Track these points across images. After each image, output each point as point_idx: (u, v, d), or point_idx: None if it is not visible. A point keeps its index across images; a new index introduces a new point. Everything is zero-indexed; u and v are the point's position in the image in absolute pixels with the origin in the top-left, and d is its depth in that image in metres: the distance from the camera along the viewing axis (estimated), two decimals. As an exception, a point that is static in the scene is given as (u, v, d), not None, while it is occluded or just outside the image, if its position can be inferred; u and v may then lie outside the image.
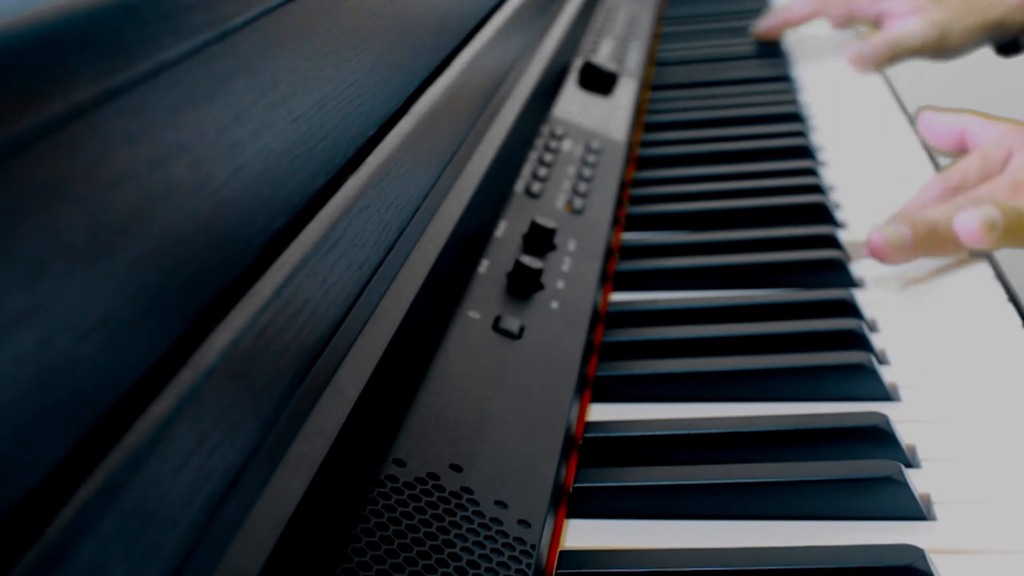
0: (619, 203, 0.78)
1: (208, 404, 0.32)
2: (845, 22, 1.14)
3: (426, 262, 0.51)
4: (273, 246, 0.39)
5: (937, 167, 0.83)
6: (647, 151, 0.90)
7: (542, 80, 0.81)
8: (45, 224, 0.27)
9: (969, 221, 0.62)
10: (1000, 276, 0.64)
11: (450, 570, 0.39)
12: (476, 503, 0.42)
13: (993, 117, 0.73)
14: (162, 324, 0.32)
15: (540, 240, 0.63)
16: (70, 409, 0.28)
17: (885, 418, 0.49)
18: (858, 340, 0.57)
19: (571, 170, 0.76)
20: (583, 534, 0.46)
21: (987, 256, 0.70)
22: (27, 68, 0.26)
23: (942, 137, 0.75)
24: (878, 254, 0.65)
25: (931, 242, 0.65)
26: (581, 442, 0.51)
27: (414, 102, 0.57)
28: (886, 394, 0.54)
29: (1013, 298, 0.62)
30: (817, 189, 0.78)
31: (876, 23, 1.10)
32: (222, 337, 0.34)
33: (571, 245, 0.65)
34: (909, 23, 1.05)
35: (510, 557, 0.40)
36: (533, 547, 0.41)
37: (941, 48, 1.04)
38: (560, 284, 0.61)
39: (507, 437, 0.47)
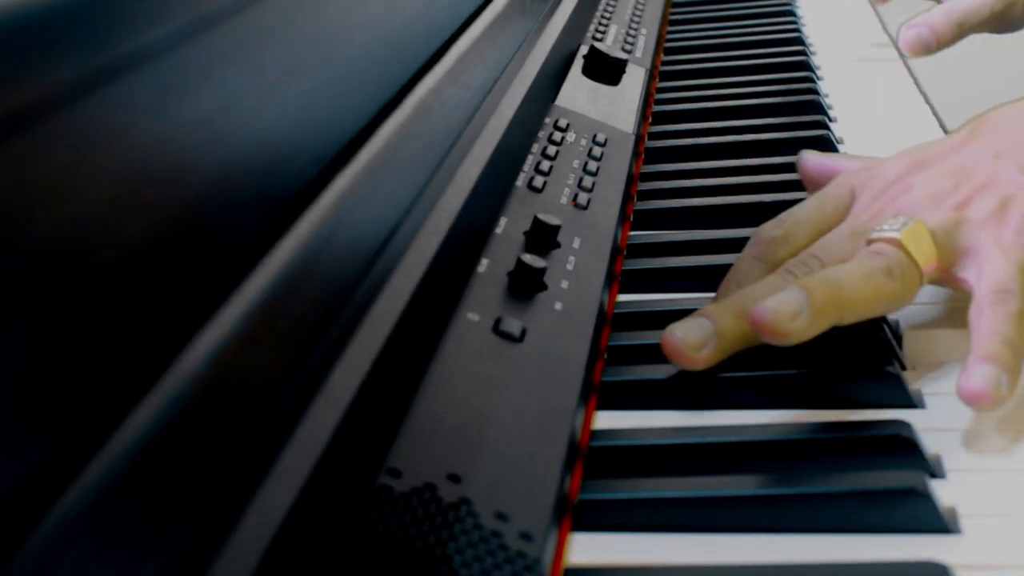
0: (627, 198, 0.78)
1: (194, 411, 0.32)
2: None
3: (422, 261, 0.51)
4: (259, 245, 0.39)
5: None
6: (657, 143, 0.90)
7: (545, 68, 0.81)
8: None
9: (763, 313, 0.52)
10: None
11: (448, 586, 0.39)
12: (475, 515, 0.42)
13: (865, 158, 0.67)
14: (154, 322, 0.32)
15: (543, 237, 0.64)
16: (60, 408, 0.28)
17: (909, 426, 0.50)
18: (880, 343, 0.57)
19: (576, 163, 0.76)
20: (589, 548, 0.46)
21: None
22: (10, 52, 0.27)
23: (818, 183, 0.68)
24: (673, 353, 0.55)
25: (741, 333, 0.55)
26: (586, 451, 0.51)
27: (408, 92, 0.57)
28: (910, 400, 0.54)
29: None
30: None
31: None
32: (207, 340, 0.34)
33: (576, 243, 0.66)
34: None
35: (511, 572, 0.41)
36: (536, 562, 0.41)
37: (1006, 19, 0.96)
38: (564, 284, 0.61)
39: (508, 446, 0.47)
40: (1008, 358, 0.51)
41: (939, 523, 0.45)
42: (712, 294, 0.66)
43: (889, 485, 0.46)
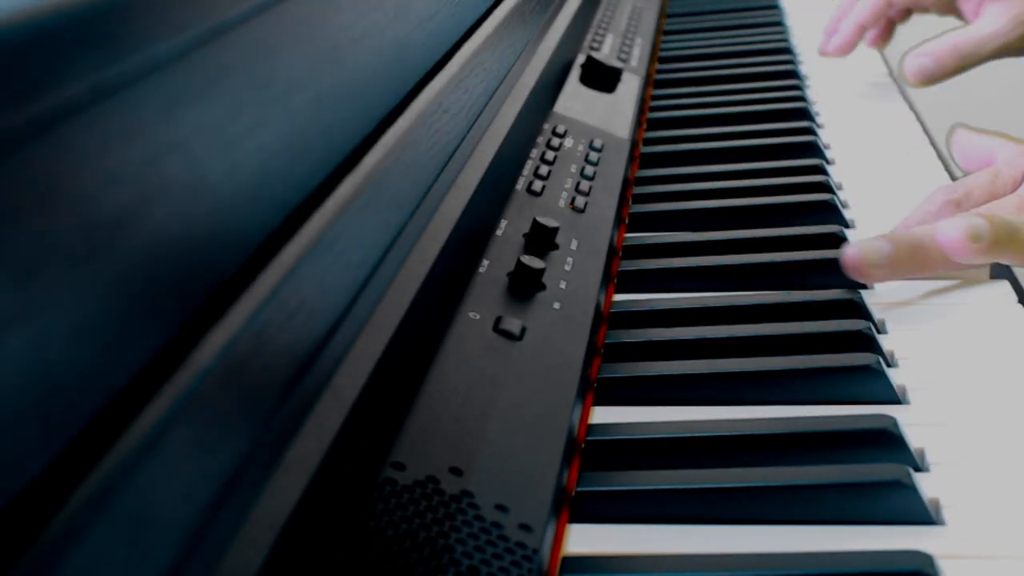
0: (622, 201, 0.78)
1: (203, 407, 0.32)
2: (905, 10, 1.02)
3: (425, 262, 0.51)
4: (269, 245, 0.39)
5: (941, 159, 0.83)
6: (651, 148, 0.90)
7: (544, 76, 0.81)
8: (37, 224, 0.27)
9: (952, 231, 0.60)
10: (1010, 277, 0.64)
11: (450, 575, 0.39)
12: (477, 507, 0.42)
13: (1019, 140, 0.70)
14: (157, 325, 0.32)
15: (542, 239, 0.63)
16: (63, 411, 0.28)
17: (894, 421, 0.49)
18: (866, 341, 0.57)
19: (573, 168, 0.76)
20: (586, 539, 0.46)
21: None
22: (20, 65, 0.26)
23: (972, 160, 0.72)
24: (853, 271, 0.61)
25: (914, 260, 0.61)
26: (584, 445, 0.51)
27: (413, 99, 0.57)
28: (895, 396, 0.54)
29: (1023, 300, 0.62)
30: (825, 187, 0.78)
31: (949, 4, 0.98)
32: (217, 339, 0.34)
33: (573, 244, 0.65)
34: (988, 20, 0.91)
35: (511, 562, 0.40)
36: (535, 552, 0.41)
37: (1021, 48, 0.93)
38: (562, 284, 0.61)
39: (508, 440, 0.47)
40: None
41: (923, 514, 0.45)
42: (707, 293, 0.66)
43: (875, 478, 0.46)
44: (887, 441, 0.49)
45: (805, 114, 0.94)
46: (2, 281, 0.26)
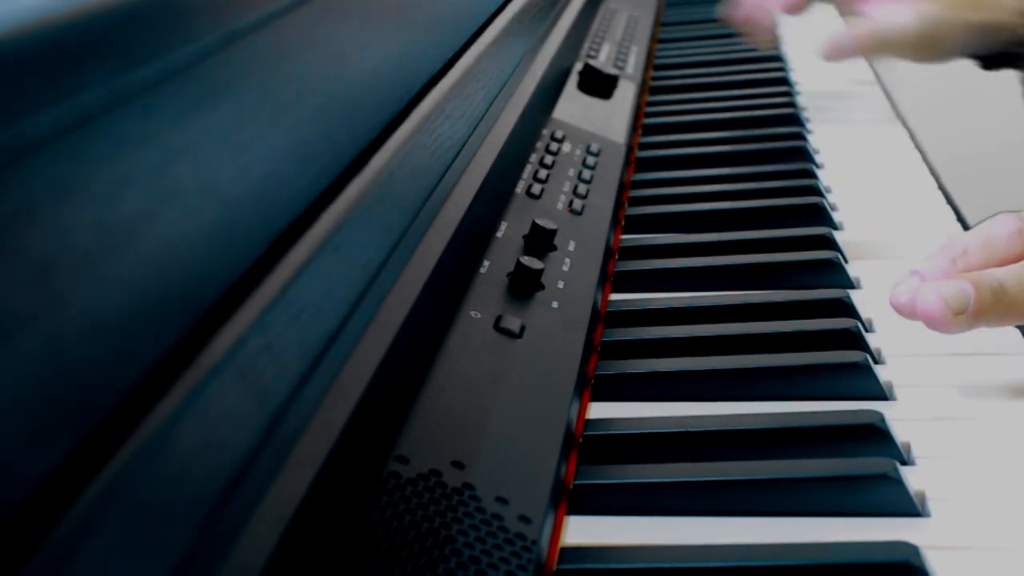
0: (619, 204, 0.78)
1: (213, 403, 0.32)
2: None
3: (428, 262, 0.51)
4: (278, 246, 0.39)
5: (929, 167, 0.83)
6: (646, 153, 0.90)
7: (543, 83, 0.81)
8: (54, 225, 0.27)
9: (930, 300, 0.52)
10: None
11: (452, 565, 0.39)
12: (478, 499, 0.42)
13: None
14: (169, 323, 0.32)
15: (541, 241, 0.63)
16: (76, 407, 0.28)
17: (880, 416, 0.49)
18: (854, 339, 0.57)
19: (571, 172, 0.76)
20: (583, 530, 0.46)
21: None
22: (36, 72, 0.26)
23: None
24: (932, 323, 0.52)
25: (997, 308, 0.52)
26: (581, 440, 0.51)
27: (417, 104, 0.57)
28: (882, 393, 0.54)
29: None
30: (815, 191, 0.78)
31: (846, 4, 0.98)
32: (228, 336, 0.34)
33: (571, 246, 0.65)
34: (897, 14, 0.91)
35: (511, 553, 0.40)
36: (534, 543, 0.41)
37: (929, 48, 0.92)
38: (560, 284, 0.61)
39: (508, 434, 0.47)
40: None
41: (909, 507, 0.45)
42: (700, 293, 0.66)
43: (862, 471, 0.46)
44: (874, 435, 0.49)
45: (795, 120, 0.94)
46: (21, 280, 0.26)
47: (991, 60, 0.97)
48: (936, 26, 0.90)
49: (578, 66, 0.96)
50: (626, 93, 0.97)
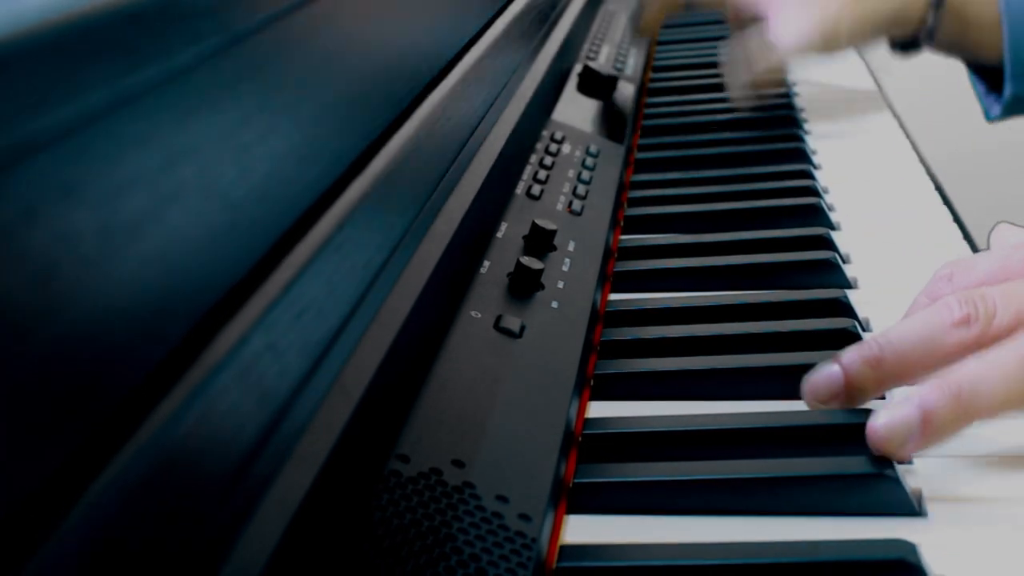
0: (618, 205, 0.78)
1: (216, 401, 0.32)
2: (738, 22, 1.00)
3: (429, 263, 0.51)
4: (280, 247, 0.39)
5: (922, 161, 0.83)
6: (645, 154, 0.90)
7: (542, 85, 0.81)
8: (58, 225, 0.27)
9: (875, 428, 0.46)
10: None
11: (452, 563, 0.39)
12: (478, 497, 0.42)
13: None
14: (172, 323, 0.32)
15: (540, 241, 0.63)
16: (79, 406, 0.28)
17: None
18: (851, 339, 0.57)
19: (571, 173, 0.76)
20: (582, 528, 0.46)
21: (970, 243, 0.69)
22: (40, 72, 0.26)
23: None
24: (812, 399, 0.51)
25: (875, 388, 0.50)
26: (580, 439, 0.51)
27: (418, 106, 0.57)
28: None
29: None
30: (812, 191, 0.78)
31: (756, 20, 0.96)
32: (230, 336, 0.34)
33: (571, 246, 0.65)
34: (790, 25, 0.91)
35: (511, 551, 0.40)
36: (533, 541, 0.41)
37: (828, 48, 0.91)
38: (560, 284, 0.61)
39: (508, 433, 0.47)
40: None
41: (907, 506, 0.45)
42: (699, 293, 0.66)
43: (860, 470, 0.46)
44: (871, 435, 0.49)
45: (793, 121, 0.94)
46: (26, 280, 0.26)
47: (902, 45, 0.97)
48: (834, 28, 0.90)
49: (577, 68, 0.96)
50: (625, 94, 0.97)
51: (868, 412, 0.50)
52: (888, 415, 0.46)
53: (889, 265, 0.68)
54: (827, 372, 0.50)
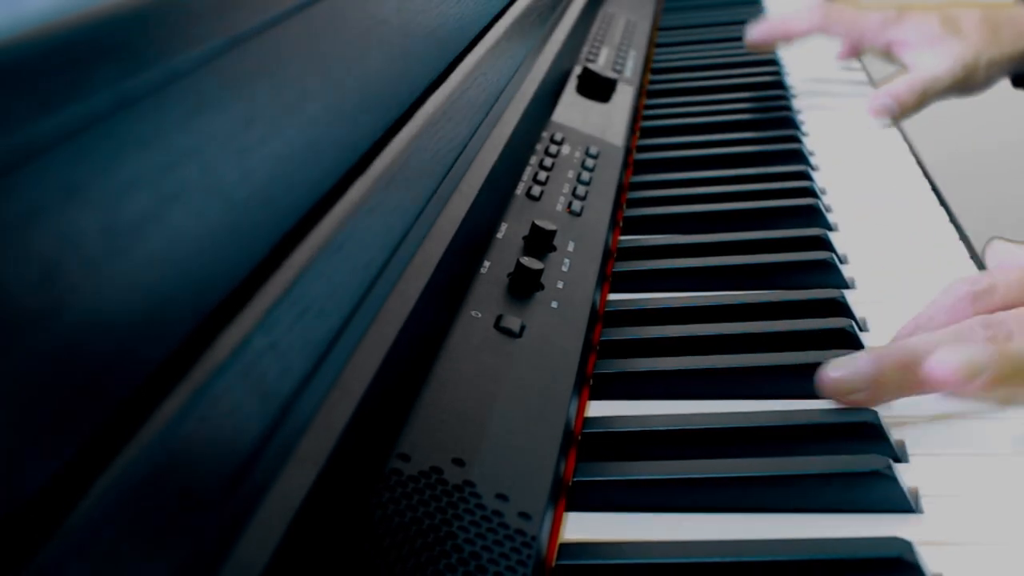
0: (617, 206, 0.78)
1: (219, 401, 0.32)
2: (854, 49, 1.02)
3: (430, 263, 0.51)
4: (282, 247, 0.39)
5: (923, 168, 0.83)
6: (644, 155, 0.90)
7: (542, 87, 0.81)
8: (62, 226, 0.27)
9: (945, 364, 0.49)
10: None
11: (452, 561, 0.39)
12: (478, 496, 0.42)
13: None
14: (175, 323, 0.32)
15: (540, 241, 0.63)
16: (83, 405, 0.28)
17: (875, 414, 0.49)
18: (848, 339, 0.57)
19: (570, 174, 0.76)
20: (582, 526, 0.46)
21: (967, 244, 0.69)
22: (44, 75, 0.26)
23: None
24: (830, 395, 0.52)
25: (903, 384, 0.51)
26: (580, 437, 0.51)
27: (419, 107, 0.57)
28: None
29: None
30: (810, 192, 0.78)
31: (886, 53, 0.99)
32: (233, 336, 0.34)
33: (571, 246, 0.66)
34: (933, 62, 0.93)
35: (511, 548, 0.40)
36: (533, 539, 0.41)
37: (966, 86, 0.94)
38: (560, 284, 0.61)
39: (508, 432, 0.47)
40: None
41: (903, 503, 0.45)
42: (698, 293, 0.66)
43: (857, 468, 0.46)
44: (869, 433, 0.49)
45: (790, 123, 0.94)
46: (30, 281, 0.26)
47: (1021, 79, 0.99)
48: (972, 66, 0.93)
49: (577, 70, 0.96)
50: (624, 96, 0.98)
51: (865, 412, 0.50)
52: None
53: (886, 265, 0.68)
54: (855, 366, 0.51)
